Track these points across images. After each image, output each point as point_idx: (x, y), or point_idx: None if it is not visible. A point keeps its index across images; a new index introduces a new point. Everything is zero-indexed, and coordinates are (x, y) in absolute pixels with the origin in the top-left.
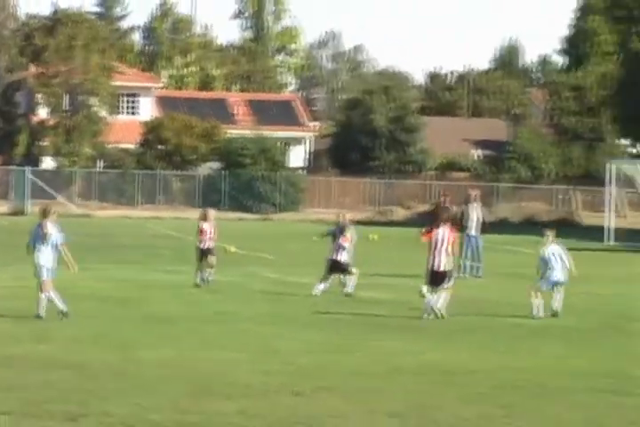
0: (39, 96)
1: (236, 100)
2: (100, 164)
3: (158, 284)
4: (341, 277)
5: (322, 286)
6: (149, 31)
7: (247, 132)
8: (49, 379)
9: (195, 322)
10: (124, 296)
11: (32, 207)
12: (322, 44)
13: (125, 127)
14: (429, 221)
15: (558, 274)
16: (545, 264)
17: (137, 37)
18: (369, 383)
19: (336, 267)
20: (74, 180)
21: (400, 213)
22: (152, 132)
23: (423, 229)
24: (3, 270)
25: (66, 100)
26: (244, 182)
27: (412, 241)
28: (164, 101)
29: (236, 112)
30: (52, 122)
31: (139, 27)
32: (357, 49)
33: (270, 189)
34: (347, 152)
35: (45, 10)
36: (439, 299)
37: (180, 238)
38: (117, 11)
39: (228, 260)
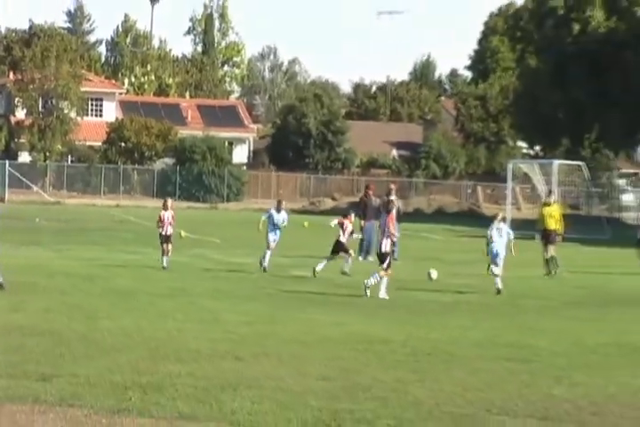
0: (17, 100)
1: (188, 105)
2: (70, 158)
3: (120, 262)
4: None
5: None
6: (113, 44)
7: (197, 133)
8: (25, 344)
9: (151, 296)
10: (91, 273)
11: (10, 196)
12: (262, 56)
13: (92, 127)
14: (355, 209)
15: (498, 247)
16: (489, 240)
17: (102, 49)
18: (301, 350)
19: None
20: (47, 172)
21: (329, 204)
22: (115, 131)
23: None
24: None
25: (40, 103)
26: (195, 176)
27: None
28: (125, 105)
29: (187, 115)
30: (28, 122)
31: (104, 40)
32: (293, 61)
33: (217, 182)
34: (283, 151)
35: (23, 25)
36: (371, 278)
37: (139, 224)
38: (85, 26)
39: (180, 243)
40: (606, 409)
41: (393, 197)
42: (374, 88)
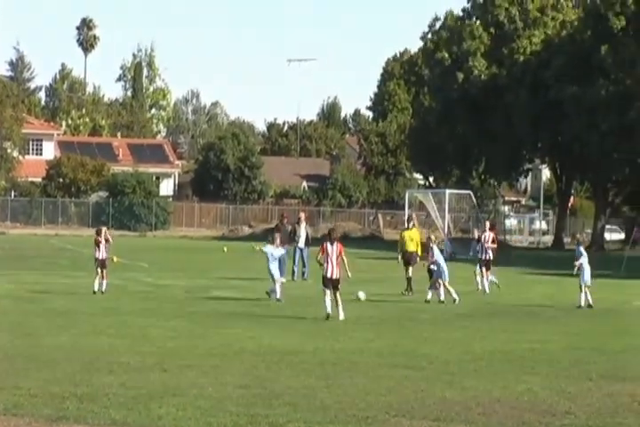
0: None
1: (119, 143)
2: (13, 193)
3: (58, 286)
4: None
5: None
6: (51, 90)
7: (128, 169)
8: None
9: (86, 315)
10: (31, 296)
11: None
12: (186, 100)
13: (33, 165)
14: (271, 236)
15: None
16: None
17: (42, 95)
18: (221, 362)
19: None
20: None
21: (246, 231)
22: (54, 168)
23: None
24: None
25: None
26: (126, 207)
27: (251, 252)
28: (63, 145)
29: (119, 153)
30: None
31: (43, 86)
32: (214, 104)
33: (146, 212)
34: (205, 184)
35: None
36: (338, 306)
37: (75, 251)
38: (26, 74)
39: (113, 267)
40: (492, 410)
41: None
42: (286, 127)
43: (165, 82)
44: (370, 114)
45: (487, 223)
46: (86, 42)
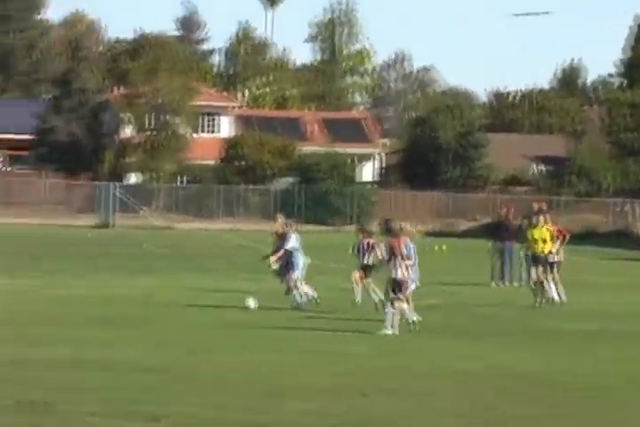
0: (124, 116)
1: (310, 118)
2: (182, 179)
3: (238, 292)
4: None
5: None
6: (228, 53)
7: (320, 149)
8: (131, 381)
9: (264, 329)
10: (206, 304)
11: (117, 220)
12: (391, 64)
13: (206, 144)
14: (491, 232)
15: None
16: None
17: (216, 59)
18: (430, 385)
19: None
20: (157, 194)
21: (465, 225)
22: (231, 149)
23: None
24: (81, 279)
25: (150, 119)
26: (318, 196)
27: (477, 252)
28: (241, 120)
29: (309, 130)
30: (136, 140)
31: (218, 49)
32: (425, 69)
33: (343, 202)
34: (415, 167)
35: (130, 34)
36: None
37: (256, 249)
38: (198, 34)
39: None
40: None
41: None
42: (515, 96)
43: (367, 42)
44: (618, 81)
45: None
46: None
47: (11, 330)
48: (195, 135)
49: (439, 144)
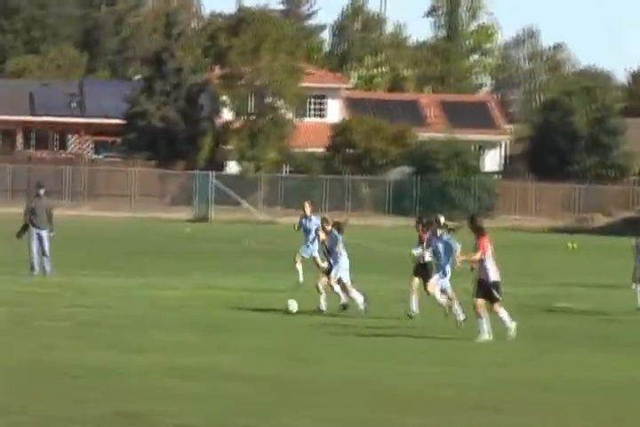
0: (223, 98)
1: (428, 101)
2: (286, 169)
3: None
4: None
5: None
6: (338, 30)
7: (439, 136)
8: (230, 391)
9: (374, 337)
10: (306, 307)
11: (215, 214)
12: (519, 42)
13: (312, 130)
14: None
15: None
16: None
17: (325, 36)
18: (560, 398)
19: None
20: (259, 185)
21: (601, 220)
22: (340, 135)
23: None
24: (176, 278)
25: (251, 102)
26: (436, 188)
27: (615, 250)
28: (352, 103)
29: (427, 114)
30: (236, 125)
31: (327, 25)
32: (556, 47)
33: (463, 194)
34: (544, 156)
35: (229, 9)
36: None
37: (368, 247)
38: (304, 9)
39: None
40: None
41: None
42: None
43: (492, 18)
44: None
45: None
46: None
47: (101, 333)
48: (300, 120)
49: (572, 130)
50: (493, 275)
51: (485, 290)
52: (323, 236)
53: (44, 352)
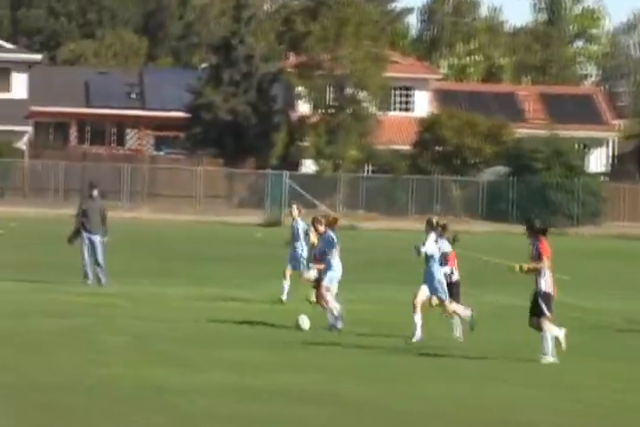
0: (299, 89)
1: (527, 93)
2: (368, 168)
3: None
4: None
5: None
6: (426, 13)
7: (539, 132)
8: (302, 414)
9: (459, 355)
10: (396, 321)
11: (289, 217)
12: (629, 28)
13: (397, 125)
14: None
15: None
16: None
17: (412, 22)
18: None
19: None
20: (338, 186)
21: None
22: (428, 130)
23: None
24: (253, 288)
25: (330, 94)
26: (535, 190)
27: None
28: (442, 95)
29: (526, 108)
30: (313, 119)
31: (414, 8)
32: None
33: (566, 198)
34: None
35: None
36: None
37: (462, 255)
38: None
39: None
40: None
41: None
42: None
43: (599, 0)
44: None
45: None
46: None
47: (161, 348)
48: (384, 114)
49: None
50: (546, 286)
51: (533, 302)
52: (314, 238)
53: (98, 369)
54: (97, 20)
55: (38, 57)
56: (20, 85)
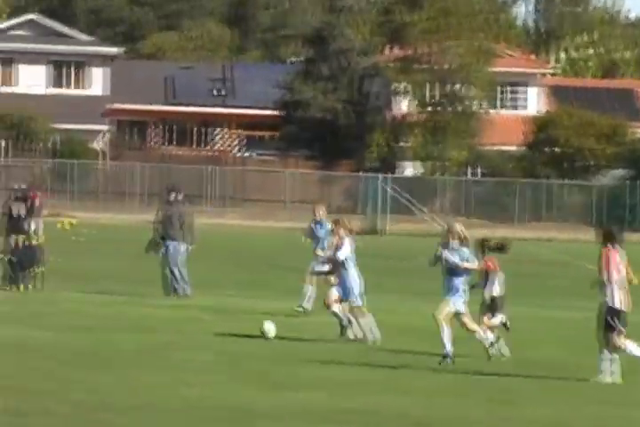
0: (399, 86)
1: None
2: (475, 170)
3: (553, 322)
4: None
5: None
6: (537, 2)
7: None
8: None
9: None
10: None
11: (389, 225)
12: None
13: (507, 125)
14: None
15: None
16: None
17: (522, 12)
18: None
19: None
20: (441, 190)
21: None
22: (541, 131)
23: None
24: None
25: (433, 90)
26: None
27: None
28: (556, 92)
29: None
30: (414, 118)
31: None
32: None
33: None
34: None
35: None
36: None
37: (580, 266)
38: None
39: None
40: None
41: None
42: None
43: None
44: None
45: None
46: None
47: (248, 367)
48: (492, 112)
49: None
50: (616, 301)
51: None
52: (336, 241)
53: (180, 389)
54: (180, 11)
55: (116, 50)
56: (96, 81)
